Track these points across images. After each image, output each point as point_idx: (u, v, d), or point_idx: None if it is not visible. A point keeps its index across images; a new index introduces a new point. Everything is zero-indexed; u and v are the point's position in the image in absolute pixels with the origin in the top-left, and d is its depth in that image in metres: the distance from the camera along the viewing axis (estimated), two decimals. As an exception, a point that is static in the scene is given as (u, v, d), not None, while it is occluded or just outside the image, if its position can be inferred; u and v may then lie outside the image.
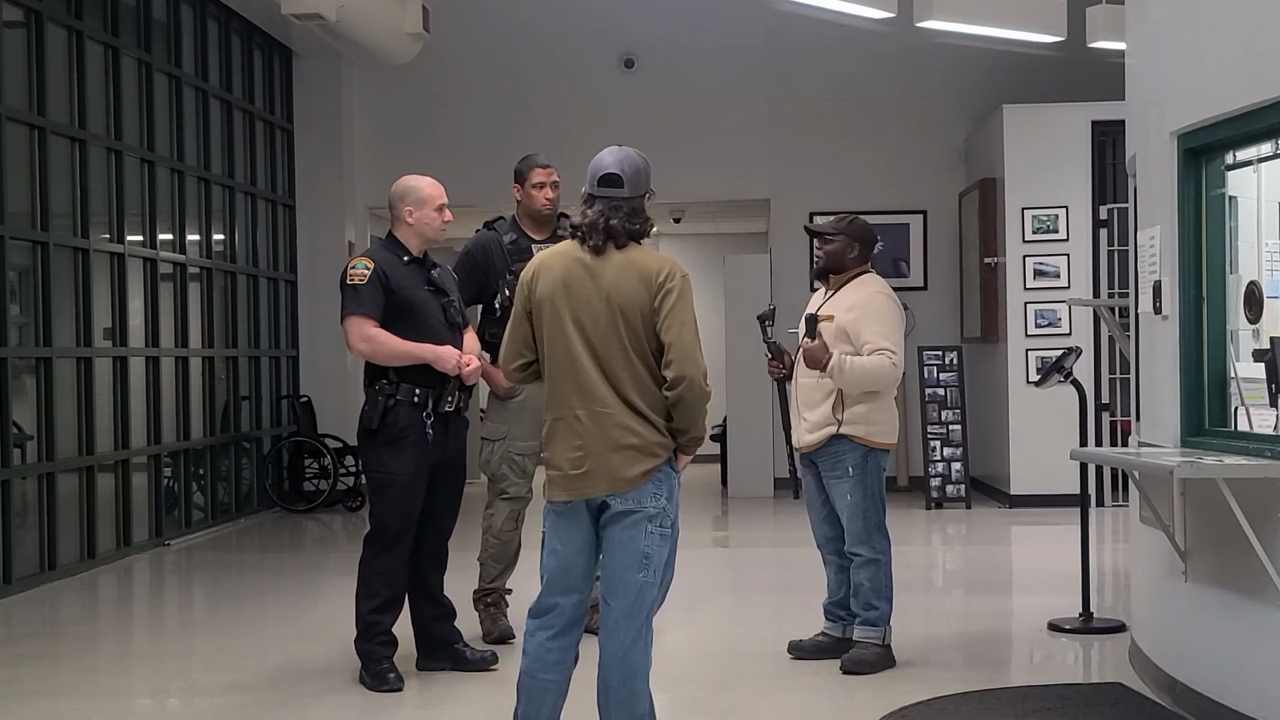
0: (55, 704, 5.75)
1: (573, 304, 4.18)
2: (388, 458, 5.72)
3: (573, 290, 4.19)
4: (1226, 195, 5.24)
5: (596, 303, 4.17)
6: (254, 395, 12.25)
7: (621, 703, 4.25)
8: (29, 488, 8.65)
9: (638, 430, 4.14)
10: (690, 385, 4.14)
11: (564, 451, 4.19)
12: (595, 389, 4.15)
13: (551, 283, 4.22)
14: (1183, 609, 5.28)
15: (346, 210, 13.04)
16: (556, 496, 4.22)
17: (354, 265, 5.78)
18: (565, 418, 4.19)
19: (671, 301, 4.16)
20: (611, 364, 4.15)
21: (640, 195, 4.30)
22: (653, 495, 4.17)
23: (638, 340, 4.16)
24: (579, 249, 4.25)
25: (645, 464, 4.15)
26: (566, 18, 13.38)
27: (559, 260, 4.26)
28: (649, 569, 4.19)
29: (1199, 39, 5.19)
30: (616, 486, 4.14)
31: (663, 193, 15.34)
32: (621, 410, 4.14)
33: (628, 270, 4.19)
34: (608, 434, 4.14)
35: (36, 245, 8.69)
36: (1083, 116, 11.26)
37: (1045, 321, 11.35)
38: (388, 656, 5.73)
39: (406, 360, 5.70)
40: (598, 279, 4.18)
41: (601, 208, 4.23)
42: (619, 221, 4.22)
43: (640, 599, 4.21)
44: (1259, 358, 5.30)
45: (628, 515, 4.16)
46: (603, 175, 4.29)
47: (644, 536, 4.17)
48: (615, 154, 4.34)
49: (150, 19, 10.33)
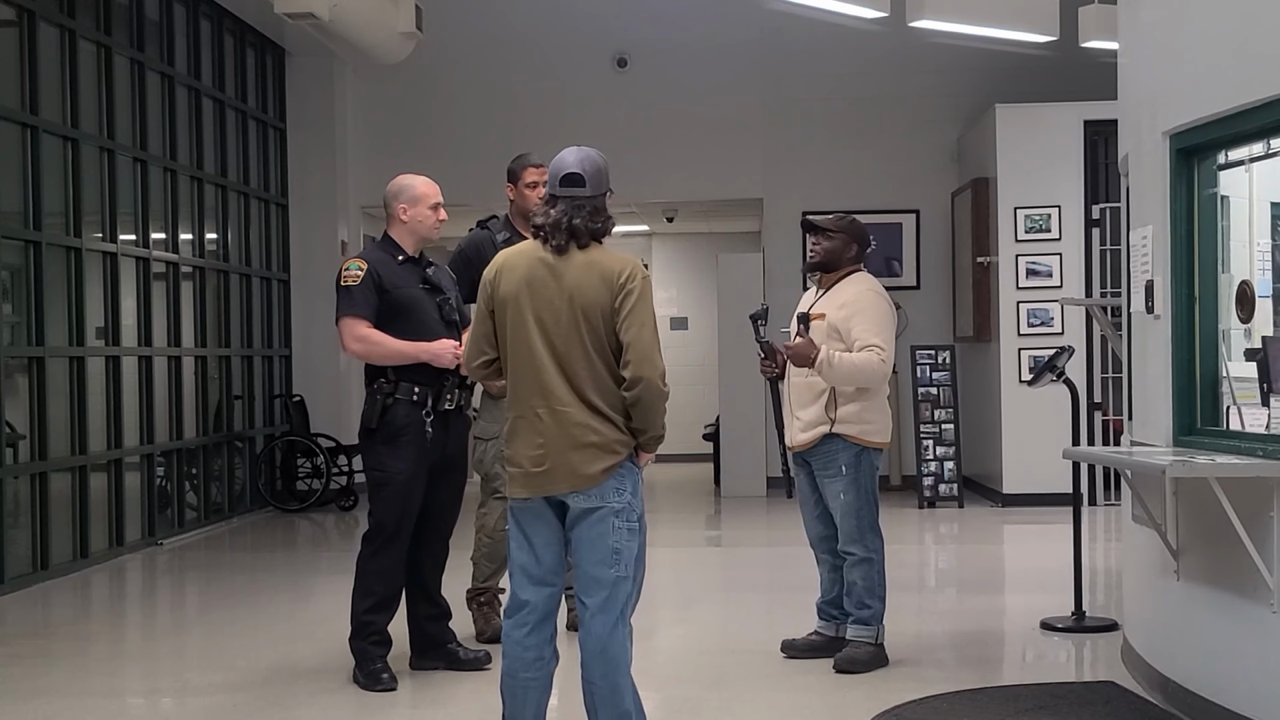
0: (48, 704, 5.74)
1: (535, 303, 4.23)
2: (386, 456, 5.72)
3: (535, 290, 4.23)
4: (1218, 195, 5.24)
5: (558, 302, 4.21)
6: (247, 395, 12.24)
7: (605, 698, 4.28)
8: (21, 487, 8.64)
9: (597, 428, 4.19)
10: (647, 385, 4.17)
11: (525, 449, 4.23)
12: (555, 388, 4.19)
13: (514, 282, 4.27)
14: (1175, 608, 5.28)
15: (339, 209, 13.03)
16: (518, 493, 4.27)
17: (347, 266, 5.78)
18: (526, 415, 4.23)
19: (631, 303, 4.19)
20: (572, 363, 4.19)
21: (601, 194, 4.33)
22: (615, 490, 4.21)
23: (598, 340, 4.20)
24: (541, 249, 4.29)
25: (605, 461, 4.19)
26: (559, 17, 13.38)
27: (521, 259, 4.31)
28: (619, 564, 4.23)
29: (1191, 39, 5.20)
30: (577, 484, 4.19)
31: (656, 192, 15.45)
32: (581, 409, 4.19)
33: (590, 271, 4.23)
34: (568, 432, 4.18)
35: (29, 244, 8.68)
36: (1075, 116, 11.27)
37: (1038, 321, 11.37)
38: (381, 656, 5.73)
39: (401, 360, 5.71)
40: (560, 279, 4.23)
41: (564, 207, 4.27)
42: (581, 221, 4.26)
43: (614, 594, 4.25)
44: (1250, 357, 5.31)
45: (592, 512, 4.21)
46: (564, 175, 4.33)
47: (611, 532, 4.21)
48: (575, 154, 4.39)
49: (143, 18, 10.32)
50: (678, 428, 17.70)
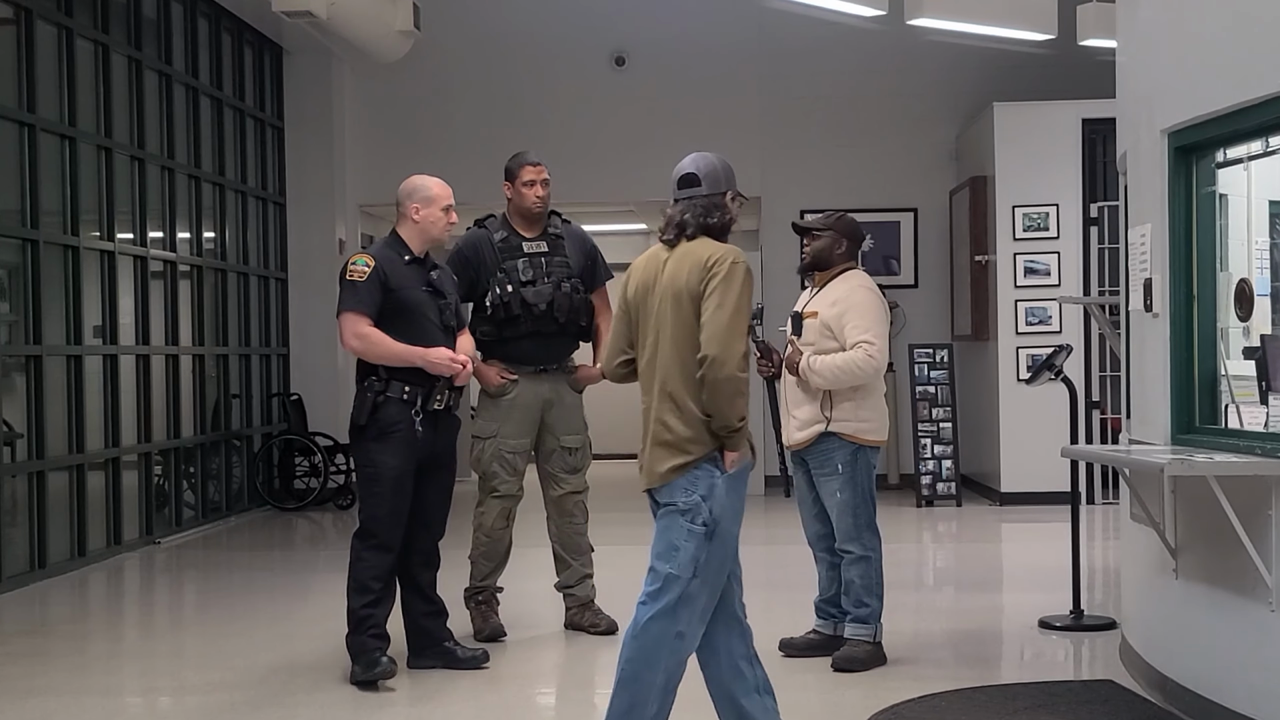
0: (45, 702, 5.74)
1: (649, 300, 4.34)
2: (376, 453, 5.71)
3: (647, 286, 4.36)
4: (1217, 193, 5.24)
5: (662, 294, 4.29)
6: (244, 393, 12.23)
7: (625, 682, 4.22)
8: (19, 486, 8.63)
9: (671, 425, 4.22)
10: (713, 365, 4.11)
11: (639, 444, 4.36)
12: (649, 382, 4.31)
13: (638, 283, 4.40)
14: (1173, 606, 5.28)
15: (337, 208, 13.02)
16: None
17: (355, 261, 5.77)
18: (642, 410, 4.36)
19: (716, 284, 4.18)
20: (659, 355, 4.26)
21: (720, 193, 4.37)
22: (684, 490, 4.21)
23: (685, 327, 4.21)
24: (661, 249, 4.40)
25: (673, 460, 4.20)
26: (557, 16, 13.37)
27: (646, 261, 4.43)
28: (675, 561, 4.20)
29: (1189, 37, 5.20)
30: (650, 481, 4.28)
31: (654, 190, 15.40)
32: (663, 403, 4.25)
33: (686, 258, 4.28)
34: (649, 428, 4.29)
35: (26, 243, 8.67)
36: (1073, 114, 11.27)
37: (1036, 319, 11.36)
38: (380, 648, 5.71)
39: (397, 362, 5.70)
40: (667, 272, 4.31)
41: (681, 206, 4.36)
42: (691, 215, 4.32)
43: (664, 588, 4.22)
44: (1249, 355, 5.31)
45: (664, 507, 4.26)
46: (680, 177, 4.41)
47: (674, 529, 4.21)
48: (692, 157, 4.45)
49: (140, 16, 10.31)
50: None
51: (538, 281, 6.49)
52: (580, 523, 6.71)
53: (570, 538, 6.69)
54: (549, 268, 6.53)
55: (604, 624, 6.65)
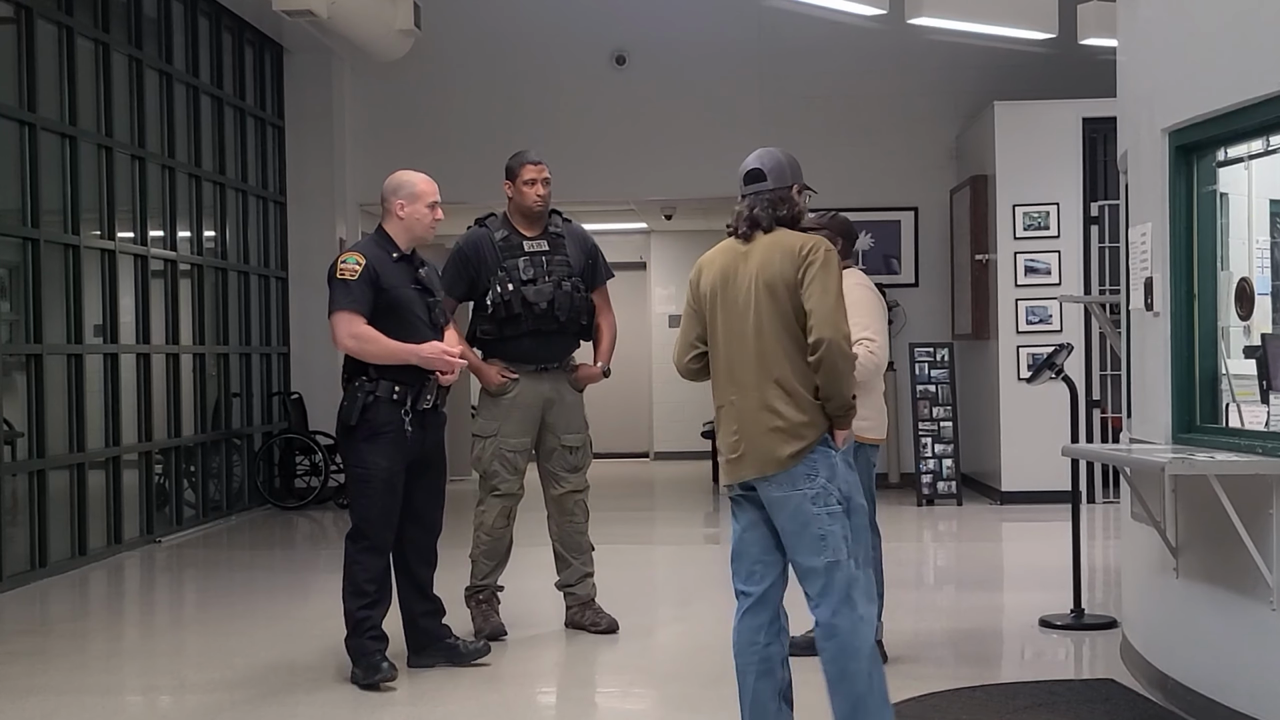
0: (45, 701, 5.74)
1: (728, 291, 4.34)
2: (366, 453, 5.70)
3: (728, 278, 4.36)
4: (1217, 192, 5.24)
5: (746, 285, 4.30)
6: (245, 392, 12.23)
7: (835, 683, 4.27)
8: (19, 485, 8.64)
9: (783, 411, 4.22)
10: (830, 347, 4.17)
11: (724, 437, 4.36)
12: (746, 373, 4.29)
13: (713, 276, 4.41)
14: (1174, 605, 5.28)
15: (337, 207, 13.02)
16: (724, 481, 4.42)
17: (344, 260, 5.73)
18: (725, 404, 4.35)
19: (814, 271, 4.24)
20: (760, 343, 4.27)
21: (786, 186, 4.42)
22: (806, 476, 4.21)
23: (784, 315, 4.25)
24: (733, 242, 4.41)
25: (792, 445, 4.21)
26: (557, 15, 13.38)
27: (719, 255, 4.44)
28: (827, 549, 4.22)
29: (1190, 36, 5.19)
30: (766, 469, 4.24)
31: (654, 189, 15.43)
32: (769, 391, 4.24)
33: (773, 248, 4.31)
34: (757, 417, 4.25)
35: (27, 241, 8.67)
36: (1074, 113, 11.27)
37: (1036, 318, 11.36)
38: (380, 650, 5.71)
39: (393, 360, 5.68)
40: (749, 263, 4.33)
41: (748, 201, 4.40)
42: (761, 210, 4.36)
43: (831, 580, 4.22)
44: (1250, 354, 5.31)
45: (787, 498, 4.23)
46: (746, 173, 4.45)
47: (812, 520, 4.22)
48: (757, 153, 4.49)
49: (141, 15, 10.31)
50: (676, 425, 17.86)
51: (538, 280, 6.48)
52: (581, 522, 6.71)
53: (571, 536, 6.69)
54: (550, 266, 6.53)
55: (604, 623, 6.65)
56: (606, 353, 6.76)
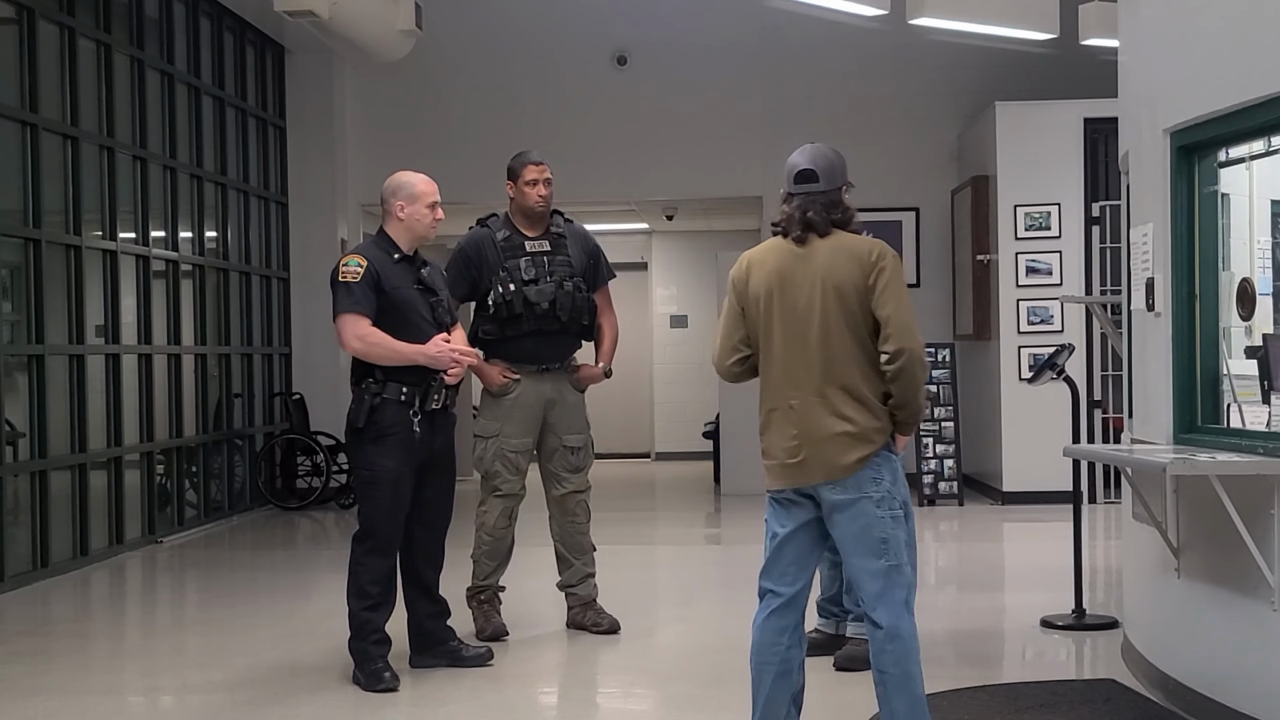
0: (47, 701, 5.74)
1: (787, 293, 4.26)
2: (374, 455, 5.69)
3: (786, 280, 4.27)
4: (1219, 192, 5.24)
5: (810, 288, 4.23)
6: (246, 392, 12.24)
7: (899, 685, 4.23)
8: (21, 485, 8.64)
9: (852, 417, 4.19)
10: (911, 357, 4.16)
11: (780, 441, 4.28)
12: (809, 377, 4.22)
13: (765, 275, 4.31)
14: (1175, 605, 5.28)
15: (339, 207, 13.03)
16: (772, 485, 4.35)
17: (346, 262, 5.73)
18: (780, 407, 4.27)
19: (886, 278, 4.20)
20: (827, 348, 4.21)
21: (837, 188, 4.36)
22: (873, 480, 4.19)
23: (853, 320, 4.20)
24: (785, 243, 4.34)
25: (861, 450, 4.18)
26: (559, 15, 13.38)
27: (770, 254, 4.35)
28: (888, 552, 4.21)
29: (1191, 36, 5.19)
30: (832, 474, 4.20)
31: (655, 189, 15.40)
32: (836, 396, 4.20)
33: (839, 252, 4.26)
34: (822, 422, 4.20)
35: (28, 242, 8.68)
36: (1075, 114, 11.27)
37: (1038, 319, 11.36)
38: (382, 656, 5.71)
39: (400, 361, 5.67)
40: (810, 266, 4.26)
41: (799, 202, 4.33)
42: (815, 214, 4.29)
43: (890, 583, 4.22)
44: (1251, 355, 5.31)
45: (852, 504, 4.20)
46: (798, 172, 4.37)
47: (875, 523, 4.20)
48: (808, 151, 4.43)
49: (142, 16, 10.32)
50: (678, 426, 17.86)
51: (540, 280, 6.48)
52: (582, 522, 6.71)
53: (572, 537, 6.69)
54: (551, 267, 6.53)
55: (606, 623, 6.65)
56: (608, 353, 6.77)
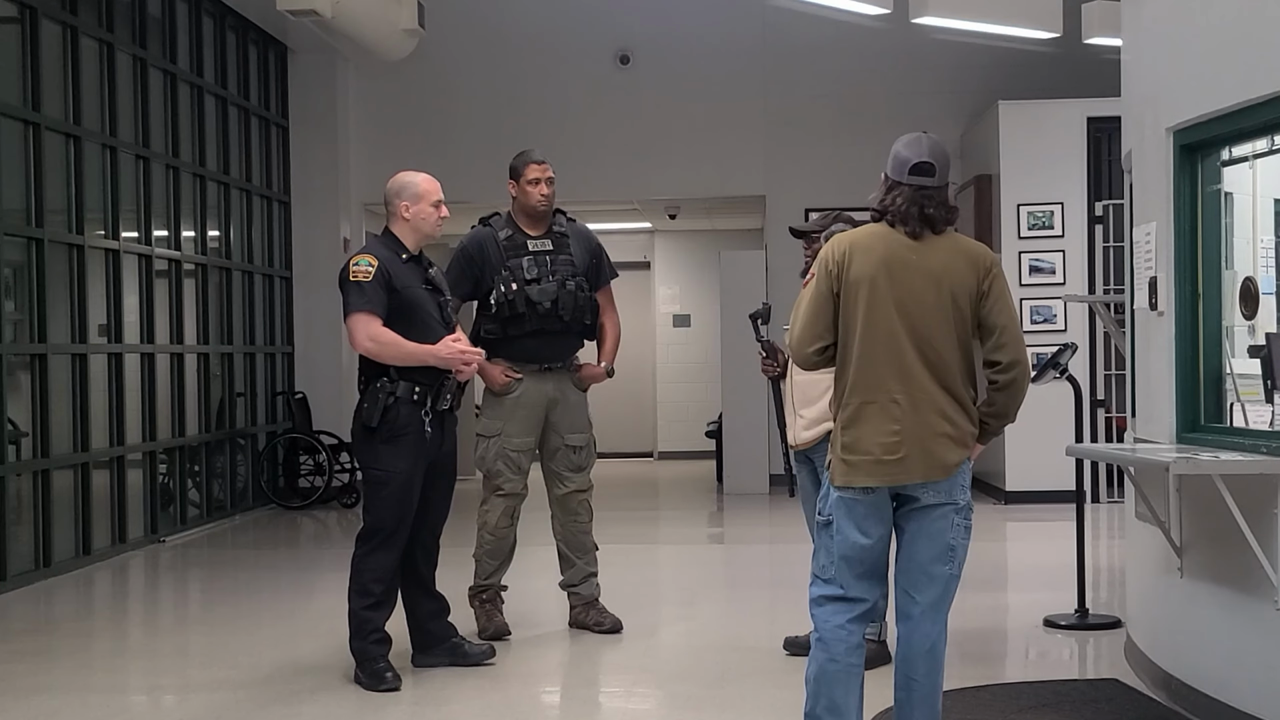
0: (50, 700, 5.74)
1: (896, 286, 4.10)
2: (386, 456, 5.68)
3: (896, 272, 4.11)
4: (1222, 191, 5.24)
5: (924, 285, 4.10)
6: (249, 392, 12.24)
7: (926, 697, 4.21)
8: (24, 484, 8.64)
9: (954, 418, 4.09)
10: (1023, 369, 4.10)
11: (877, 436, 4.08)
12: (916, 373, 4.07)
13: (872, 263, 4.12)
14: (1178, 605, 5.28)
15: (341, 207, 13.03)
16: (863, 482, 4.11)
17: (357, 262, 5.72)
18: (879, 401, 4.09)
19: (1000, 286, 4.14)
20: (935, 348, 4.08)
21: (946, 185, 4.25)
22: (961, 488, 4.13)
23: (963, 324, 4.11)
24: (893, 233, 4.17)
25: (960, 453, 4.10)
26: (561, 14, 13.38)
27: (877, 242, 4.17)
28: (954, 562, 4.18)
29: (1194, 35, 5.19)
30: (932, 475, 4.08)
31: (658, 189, 15.40)
32: (941, 396, 4.08)
33: (957, 255, 4.15)
34: (927, 420, 4.06)
35: (31, 241, 8.68)
36: (1078, 113, 11.27)
37: (1041, 318, 11.35)
38: (383, 655, 5.71)
39: (412, 362, 5.66)
40: (926, 261, 4.12)
41: (914, 195, 4.17)
42: (935, 210, 4.17)
43: (946, 592, 4.20)
44: (1254, 354, 5.31)
45: (937, 508, 4.12)
46: (917, 164, 4.22)
47: (951, 529, 4.15)
48: (925, 144, 4.28)
49: (145, 15, 10.32)
50: (680, 425, 17.84)
51: (542, 280, 6.48)
52: (585, 521, 6.70)
53: (575, 536, 6.69)
54: (554, 266, 6.53)
55: (608, 623, 6.65)
56: (610, 352, 6.76)
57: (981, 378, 4.16)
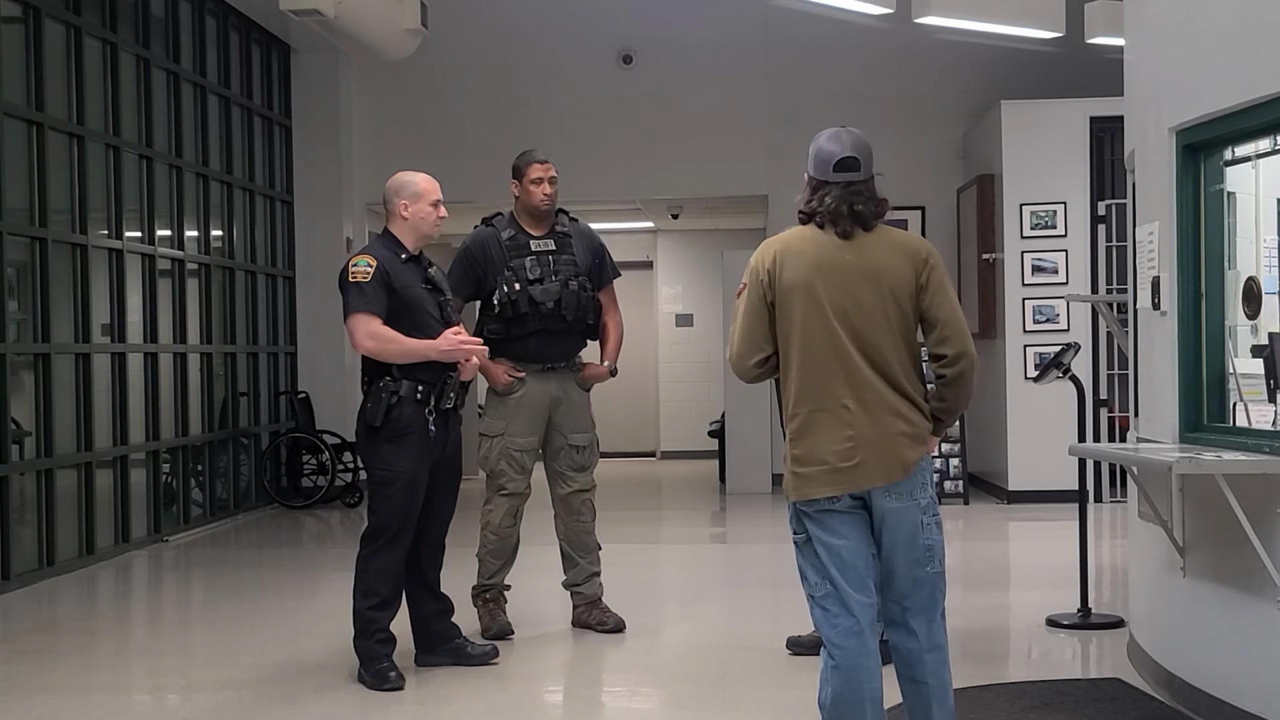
0: (53, 700, 5.75)
1: (832, 289, 3.99)
2: (390, 455, 5.69)
3: (830, 275, 4.01)
4: (1225, 191, 5.24)
5: (861, 286, 4.00)
6: (252, 391, 12.25)
7: (939, 696, 4.16)
8: (27, 484, 8.65)
9: (909, 416, 3.99)
10: (969, 361, 4.01)
11: (830, 444, 3.97)
12: (863, 376, 3.96)
13: (804, 268, 4.02)
14: (1181, 604, 5.28)
15: (344, 206, 13.04)
16: (821, 492, 3.99)
17: (355, 263, 5.73)
18: (829, 408, 3.97)
19: (939, 278, 4.05)
20: (879, 348, 3.98)
21: (872, 177, 4.14)
22: (922, 486, 4.05)
23: (904, 321, 4.02)
24: (822, 234, 4.07)
25: (918, 450, 4.01)
26: (564, 14, 13.39)
27: (807, 245, 4.07)
28: (933, 560, 4.13)
29: (1197, 35, 5.19)
30: (891, 476, 3.97)
31: (661, 188, 15.42)
32: (892, 396, 3.98)
33: (890, 249, 4.06)
34: (881, 421, 3.96)
35: (35, 241, 8.69)
36: (1081, 112, 11.27)
37: (1043, 317, 11.36)
38: (387, 655, 5.71)
39: (414, 358, 5.67)
40: (861, 262, 4.03)
41: (841, 193, 4.07)
42: (863, 206, 4.08)
43: (933, 591, 4.16)
44: (1257, 354, 5.31)
45: (903, 510, 4.03)
46: (840, 159, 4.09)
47: (923, 530, 4.08)
48: (845, 138, 4.14)
49: (148, 15, 10.33)
50: (683, 424, 17.86)
51: (545, 279, 6.49)
52: (588, 521, 6.71)
53: (578, 536, 6.69)
54: (556, 266, 6.53)
55: (611, 622, 6.65)
56: (613, 352, 6.77)
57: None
